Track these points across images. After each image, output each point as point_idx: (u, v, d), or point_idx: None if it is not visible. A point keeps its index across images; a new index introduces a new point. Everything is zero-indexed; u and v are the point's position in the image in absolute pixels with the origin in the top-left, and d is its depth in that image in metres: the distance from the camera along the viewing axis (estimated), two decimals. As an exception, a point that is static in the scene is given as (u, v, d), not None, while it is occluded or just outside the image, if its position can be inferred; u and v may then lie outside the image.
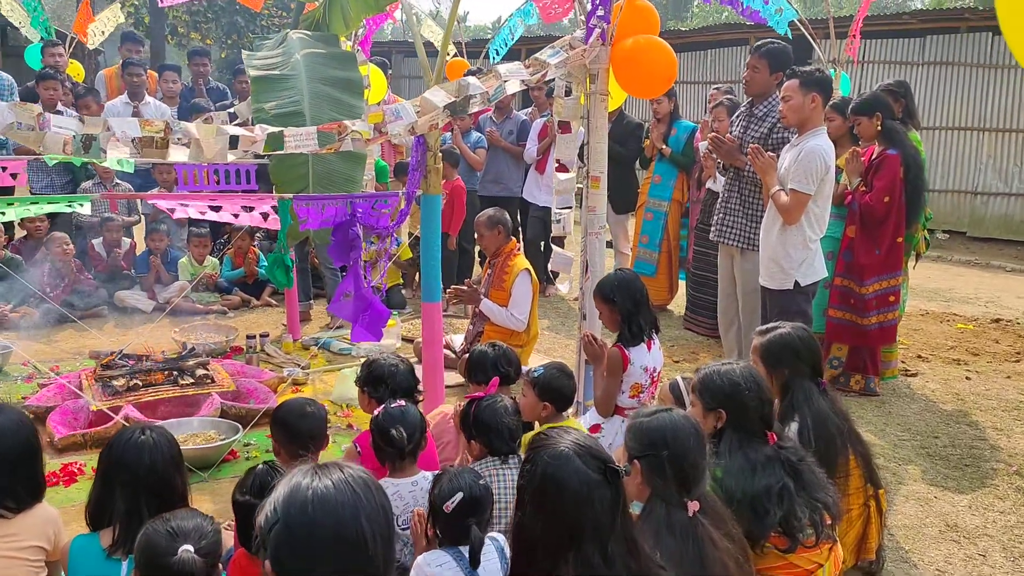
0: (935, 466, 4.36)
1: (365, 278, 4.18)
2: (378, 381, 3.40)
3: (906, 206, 5.17)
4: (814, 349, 3.23)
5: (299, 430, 2.88)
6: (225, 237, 7.42)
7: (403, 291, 7.59)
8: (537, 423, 3.50)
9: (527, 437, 3.48)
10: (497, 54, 8.53)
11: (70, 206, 3.71)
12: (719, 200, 5.31)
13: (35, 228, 6.88)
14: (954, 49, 11.87)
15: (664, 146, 7.16)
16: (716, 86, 7.68)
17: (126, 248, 7.21)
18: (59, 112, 7.33)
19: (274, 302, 7.29)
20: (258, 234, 7.55)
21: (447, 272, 7.52)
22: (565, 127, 4.14)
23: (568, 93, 4.17)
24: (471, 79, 3.65)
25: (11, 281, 6.10)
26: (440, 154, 4.26)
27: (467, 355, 3.86)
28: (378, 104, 8.52)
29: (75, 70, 8.51)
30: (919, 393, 5.47)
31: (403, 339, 6.28)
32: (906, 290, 5.74)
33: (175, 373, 4.78)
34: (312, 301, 6.95)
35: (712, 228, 5.31)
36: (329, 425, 3.39)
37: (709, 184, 6.44)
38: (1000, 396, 5.42)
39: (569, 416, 3.59)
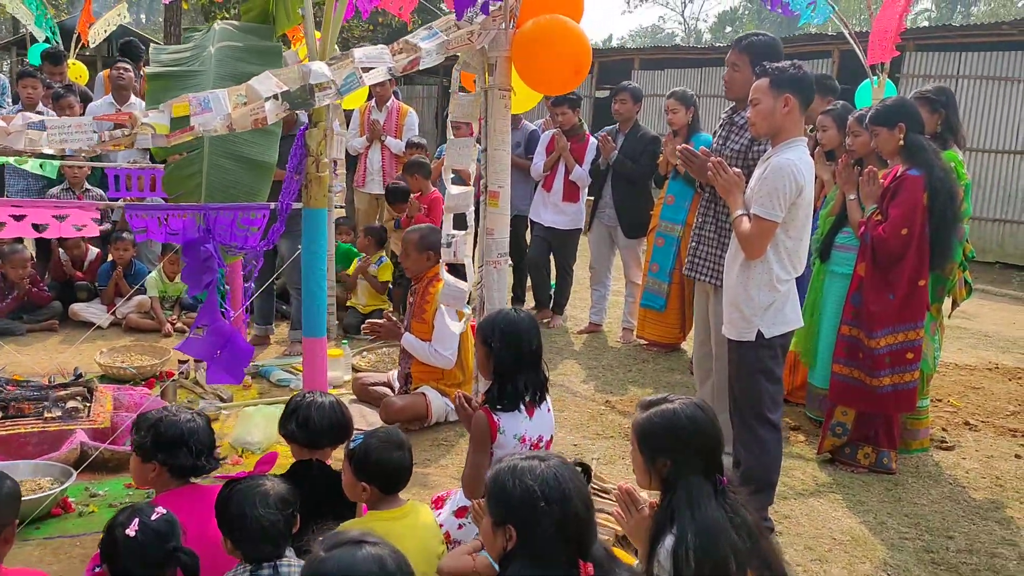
0: (937, 581, 3.33)
1: (223, 308, 3.49)
2: (174, 444, 2.62)
3: (931, 241, 4.13)
4: (708, 433, 2.33)
5: None
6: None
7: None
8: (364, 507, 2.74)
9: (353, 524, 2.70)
10: None
11: None
12: (693, 227, 4.40)
13: None
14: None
15: (679, 162, 6.23)
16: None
17: (92, 258, 6.78)
18: (39, 112, 7.03)
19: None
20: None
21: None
22: (461, 129, 3.36)
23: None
24: (316, 64, 2.93)
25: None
26: (325, 160, 3.56)
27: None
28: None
29: (78, 71, 8.24)
30: (948, 474, 4.38)
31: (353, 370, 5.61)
32: (938, 343, 4.65)
33: (44, 404, 4.20)
34: (272, 325, 6.30)
35: (686, 260, 4.40)
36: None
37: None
38: (1054, 484, 4.28)
39: (410, 500, 2.77)
